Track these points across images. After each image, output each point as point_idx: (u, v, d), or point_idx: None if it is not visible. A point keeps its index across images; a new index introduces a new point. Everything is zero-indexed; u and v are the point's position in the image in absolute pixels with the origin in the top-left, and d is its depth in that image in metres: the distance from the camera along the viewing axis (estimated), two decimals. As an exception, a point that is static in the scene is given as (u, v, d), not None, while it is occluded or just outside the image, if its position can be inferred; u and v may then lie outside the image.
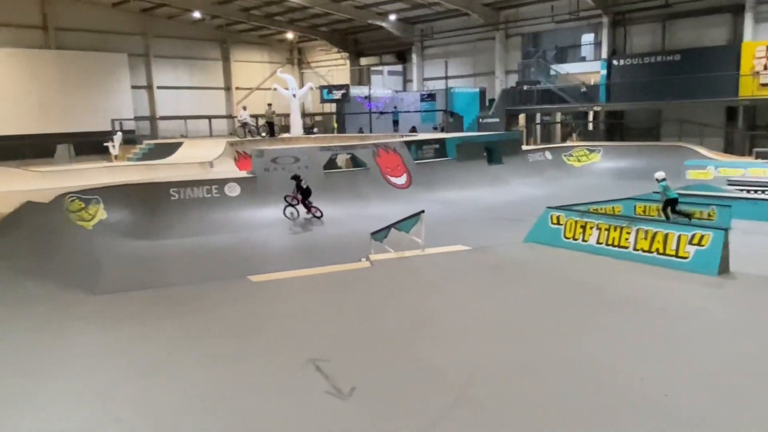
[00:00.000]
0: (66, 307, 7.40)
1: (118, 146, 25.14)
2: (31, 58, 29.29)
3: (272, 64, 40.86)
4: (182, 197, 15.45)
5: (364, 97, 32.72)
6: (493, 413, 4.66)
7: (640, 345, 5.96)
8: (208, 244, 13.97)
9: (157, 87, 34.91)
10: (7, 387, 4.97)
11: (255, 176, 16.96)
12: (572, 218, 9.89)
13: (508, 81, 31.28)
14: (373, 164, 19.14)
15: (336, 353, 5.95)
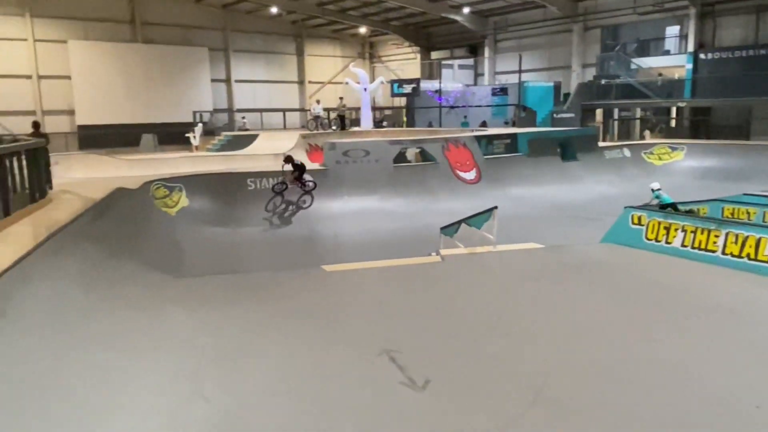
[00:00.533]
0: (154, 289, 7.84)
1: (198, 137, 26.22)
2: (120, 51, 30.97)
3: (344, 58, 41.37)
4: (258, 187, 15.97)
5: (435, 91, 32.58)
6: (573, 415, 4.57)
7: (728, 353, 5.67)
8: (282, 233, 14.40)
9: (235, 80, 36.12)
10: (104, 362, 5.32)
11: (327, 168, 17.28)
12: (655, 219, 9.49)
13: (585, 75, 30.29)
14: (442, 159, 19.07)
15: (409, 345, 6.00)
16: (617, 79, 27.27)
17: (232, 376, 5.32)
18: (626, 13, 27.96)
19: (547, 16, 30.89)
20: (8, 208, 8.05)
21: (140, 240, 10.08)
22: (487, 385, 5.12)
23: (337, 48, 41.35)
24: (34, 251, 6.39)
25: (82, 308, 6.12)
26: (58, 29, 29.51)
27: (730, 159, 21.15)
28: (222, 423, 4.47)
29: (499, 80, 33.88)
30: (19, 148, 9.41)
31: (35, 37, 28.95)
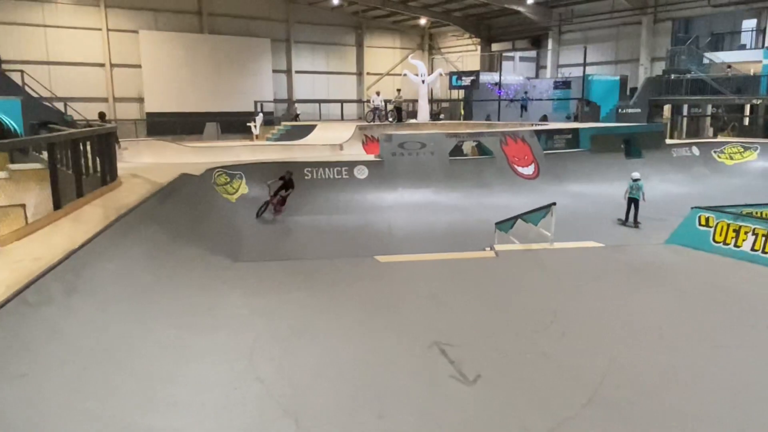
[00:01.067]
0: (213, 272, 8.10)
1: (259, 126, 26.83)
2: (187, 41, 31.99)
3: (403, 49, 41.29)
4: (315, 177, 16.21)
5: (494, 83, 32.06)
6: (628, 419, 4.44)
7: (802, 366, 5.36)
8: (337, 222, 14.56)
9: (296, 71, 36.69)
10: (166, 338, 5.55)
11: (382, 160, 17.34)
12: (724, 221, 9.03)
13: (654, 69, 29.08)
14: (499, 153, 18.78)
15: (461, 339, 5.97)
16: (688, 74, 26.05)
17: (285, 358, 5.45)
18: (700, 5, 26.64)
19: (615, 7, 29.81)
20: (81, 190, 8.48)
21: (202, 224, 10.43)
22: (539, 383, 5.04)
23: (397, 39, 41.30)
24: (105, 231, 6.71)
25: (146, 287, 6.40)
26: (130, 19, 30.76)
27: (809, 160, 19.90)
28: (274, 403, 4.59)
29: (563, 73, 32.98)
30: (92, 133, 9.90)
31: (108, 27, 30.27)
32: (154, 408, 4.32)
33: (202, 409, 4.44)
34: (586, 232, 11.70)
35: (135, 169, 12.80)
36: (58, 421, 3.82)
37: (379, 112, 26.78)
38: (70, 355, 4.49)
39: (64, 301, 5.01)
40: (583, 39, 32.24)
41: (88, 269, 5.70)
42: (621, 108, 27.11)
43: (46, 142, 8.44)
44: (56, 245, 5.88)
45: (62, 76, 28.89)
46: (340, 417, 4.46)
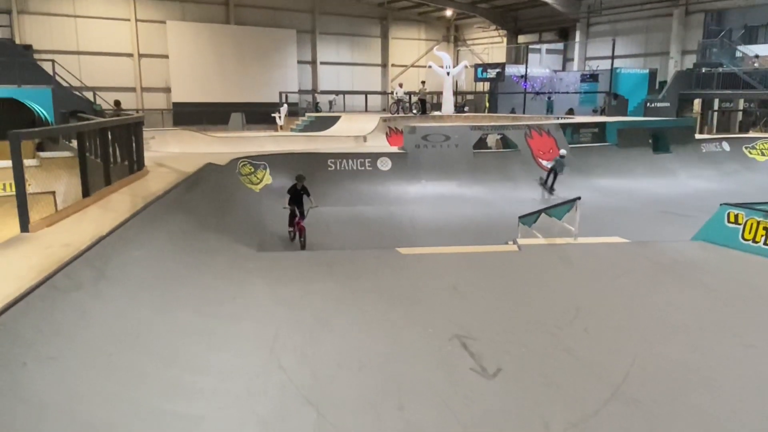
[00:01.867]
0: (238, 261, 8.19)
1: (283, 117, 26.99)
2: (214, 32, 32.26)
3: (428, 41, 41.06)
4: (338, 168, 16.24)
5: (520, 76, 31.70)
6: (652, 416, 4.39)
7: (833, 368, 5.23)
8: (359, 214, 14.59)
9: (321, 62, 36.75)
10: (191, 325, 5.64)
11: (406, 152, 17.30)
12: (754, 218, 8.82)
13: (684, 62, 28.46)
14: (524, 146, 18.60)
15: (482, 333, 5.96)
16: (720, 67, 25.42)
17: (307, 348, 5.50)
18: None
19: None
20: (109, 178, 8.64)
21: (227, 214, 10.55)
22: (561, 378, 5.00)
23: (422, 31, 41.07)
24: (132, 219, 6.84)
25: (172, 274, 6.51)
26: (158, 10, 31.12)
27: None
28: (296, 392, 4.65)
29: (590, 66, 32.47)
30: (120, 122, 10.06)
31: (137, 18, 30.67)
32: (180, 394, 4.40)
33: (226, 396, 4.51)
34: (611, 228, 11.55)
35: (161, 159, 12.99)
36: (87, 403, 3.92)
37: (403, 104, 26.70)
38: (98, 340, 4.60)
39: (92, 287, 5.12)
40: (612, 31, 31.67)
41: (116, 256, 5.82)
42: (649, 102, 26.61)
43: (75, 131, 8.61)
44: (85, 232, 6.01)
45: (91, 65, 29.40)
46: (360, 407, 4.50)
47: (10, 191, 7.69)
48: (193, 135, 20.47)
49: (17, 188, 5.95)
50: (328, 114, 27.50)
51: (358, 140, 20.84)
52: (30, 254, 5.27)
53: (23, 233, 6.03)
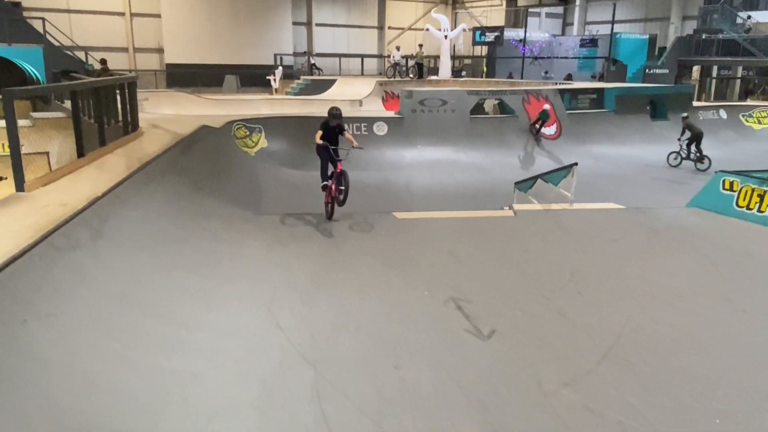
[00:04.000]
0: (234, 223, 8.20)
1: (278, 80, 26.60)
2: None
3: (426, 3, 40.21)
4: (334, 132, 16.09)
5: (519, 40, 31.26)
6: (642, 376, 4.49)
7: (820, 331, 5.34)
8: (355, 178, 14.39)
9: (316, 24, 36.02)
10: (188, 285, 5.68)
11: (402, 117, 17.14)
12: (749, 185, 8.87)
13: (685, 28, 28.11)
14: (521, 111, 18.46)
15: (477, 296, 6.03)
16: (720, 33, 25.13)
17: (304, 309, 5.56)
18: (739, -41, 25.53)
19: (648, -38, 28.71)
20: (104, 139, 8.55)
21: (222, 176, 10.50)
22: (554, 340, 5.10)
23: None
24: (128, 180, 6.80)
25: (168, 235, 6.52)
26: (150, -33, 30.27)
27: (841, 126, 19.30)
28: (294, 351, 4.72)
29: (590, 31, 32.03)
30: (114, 82, 9.90)
31: (128, -25, 29.85)
32: (178, 352, 4.46)
33: (225, 354, 4.58)
34: (607, 194, 11.59)
35: (155, 120, 12.85)
36: (87, 359, 3.97)
37: (399, 67, 26.34)
38: (97, 299, 4.63)
39: (90, 246, 5.12)
40: (613, -5, 31.17)
41: (113, 216, 5.80)
42: (648, 68, 26.37)
43: (68, 90, 8.48)
44: (81, 192, 5.98)
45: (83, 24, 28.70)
46: (357, 366, 4.58)
47: (2, 152, 7.62)
48: (187, 97, 20.19)
49: (11, 147, 5.89)
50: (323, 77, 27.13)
51: (354, 104, 20.62)
52: (26, 213, 5.25)
53: (19, 192, 5.99)
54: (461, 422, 3.90)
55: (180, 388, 4.00)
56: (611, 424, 3.89)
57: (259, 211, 9.93)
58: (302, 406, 3.95)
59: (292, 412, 3.88)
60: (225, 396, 4.00)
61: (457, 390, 4.28)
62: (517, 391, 4.30)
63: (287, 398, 4.04)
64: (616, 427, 3.86)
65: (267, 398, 4.02)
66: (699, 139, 16.21)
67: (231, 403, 3.92)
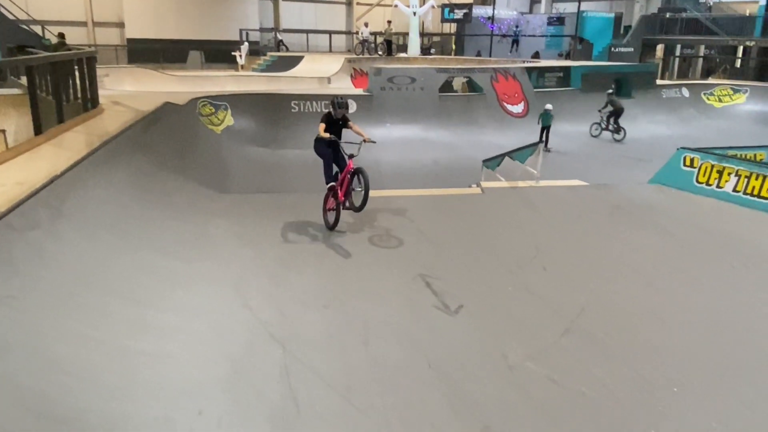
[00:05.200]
0: (200, 202, 8.08)
1: (244, 56, 26.06)
2: (169, -38, 30.41)
3: (395, -21, 39.73)
4: (302, 110, 15.92)
5: (487, 18, 31.21)
6: (606, 349, 4.63)
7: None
8: (324, 157, 14.42)
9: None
10: (154, 265, 5.59)
11: (371, 95, 17.04)
12: (708, 161, 9.12)
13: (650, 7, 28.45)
14: (490, 90, 18.53)
15: (445, 272, 6.10)
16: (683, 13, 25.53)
17: (273, 288, 5.54)
18: (703, -61, 25.85)
19: (614, -60, 28.85)
20: (62, 116, 8.27)
21: (187, 155, 10.29)
22: (520, 314, 5.20)
23: (388, -32, 39.68)
24: (88, 158, 6.60)
25: (132, 214, 6.38)
26: (109, -63, 29.08)
27: (796, 105, 19.95)
28: (262, 330, 4.71)
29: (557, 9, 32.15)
30: (72, 57, 9.56)
31: (85, -55, 28.65)
32: (145, 332, 4.40)
33: (191, 334, 4.54)
34: (572, 171, 11.77)
35: (116, 97, 12.47)
36: (51, 342, 3.88)
37: (368, 44, 26.06)
38: (59, 280, 4.52)
39: (50, 226, 4.99)
40: (580, -28, 31.27)
41: (73, 195, 5.65)
42: (614, 47, 26.68)
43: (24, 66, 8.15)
44: (39, 170, 5.79)
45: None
46: (326, 344, 4.60)
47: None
48: (150, 73, 19.65)
49: (-36, 124, 5.65)
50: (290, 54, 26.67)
51: (322, 82, 20.39)
52: (-19, 193, 5.07)
53: (-27, 171, 5.78)
54: (429, 396, 3.96)
55: (146, 369, 3.96)
56: (574, 395, 4.01)
57: (227, 190, 9.80)
58: (270, 384, 3.96)
59: (259, 390, 3.89)
60: (192, 376, 3.98)
61: (425, 365, 4.34)
62: (483, 364, 4.38)
63: (255, 377, 4.04)
64: (579, 398, 3.98)
65: (235, 377, 4.02)
66: (619, 114, 17.22)
67: (198, 383, 3.90)
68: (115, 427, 3.39)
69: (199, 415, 3.57)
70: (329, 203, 7.46)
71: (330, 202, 7.45)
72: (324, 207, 7.50)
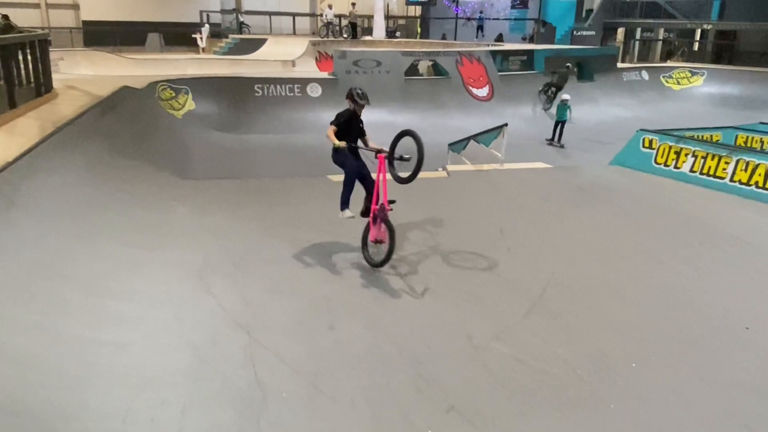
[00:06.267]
0: (161, 188, 7.91)
1: (205, 39, 25.47)
2: (126, -57, 29.39)
3: (359, -40, 39.25)
4: (266, 94, 15.69)
5: (452, 1, 31.15)
6: (568, 326, 4.72)
7: (728, 278, 5.77)
8: (289, 141, 14.28)
9: (244, -21, 34.48)
10: (113, 254, 5.45)
11: (337, 78, 16.88)
12: (666, 143, 9.36)
13: (611, -10, 28.79)
14: (455, 73, 18.55)
15: (411, 255, 6.12)
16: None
17: (237, 275, 5.47)
18: None
19: (577, -77, 28.96)
20: (14, 101, 7.97)
21: (147, 140, 10.05)
22: (484, 295, 5.25)
23: (352, -51, 39.12)
24: (42, 144, 6.38)
25: (90, 202, 6.20)
26: None
27: (751, 87, 20.53)
28: (226, 317, 4.65)
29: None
30: (24, 40, 9.18)
31: None
32: (104, 322, 4.30)
33: (153, 323, 4.45)
34: (536, 154, 11.93)
35: (72, 81, 12.07)
36: (7, 333, 3.77)
37: (332, 27, 25.76)
38: (13, 269, 4.37)
39: (3, 215, 4.81)
40: (543, -44, 31.40)
41: (26, 183, 5.46)
42: (576, 30, 26.98)
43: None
44: (-11, 158, 5.57)
45: (-15, -24, 26.28)
46: (292, 329, 4.57)
47: None
48: (107, 56, 19.06)
49: None
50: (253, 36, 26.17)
51: (287, 65, 20.11)
52: (-74, 182, 4.86)
53: None
54: (395, 378, 3.98)
55: (106, 359, 3.87)
56: (537, 373, 4.08)
57: (189, 176, 9.62)
58: (235, 371, 3.92)
59: (224, 377, 3.84)
60: (154, 365, 3.91)
61: (391, 347, 4.36)
62: (448, 345, 4.42)
63: (220, 364, 3.99)
64: (542, 376, 4.05)
65: (199, 365, 3.96)
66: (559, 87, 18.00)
67: (161, 372, 3.84)
68: (74, 419, 3.31)
69: (161, 404, 3.51)
70: (374, 233, 5.68)
71: (374, 232, 5.67)
72: (365, 241, 5.81)
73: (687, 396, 3.86)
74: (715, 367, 4.20)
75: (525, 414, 3.63)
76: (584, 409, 3.69)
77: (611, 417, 3.62)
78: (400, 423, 3.51)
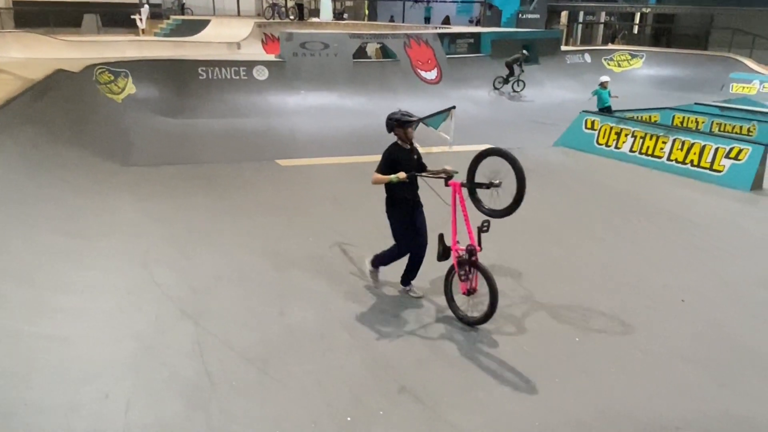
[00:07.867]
0: (101, 176, 7.61)
1: (145, 20, 24.50)
2: None
3: (304, -60, 38.46)
4: (210, 77, 15.23)
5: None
6: (512, 302, 4.84)
7: (666, 254, 6.04)
8: (235, 126, 13.94)
9: (185, -42, 33.28)
10: (51, 245, 5.23)
11: (284, 61, 16.55)
12: (608, 124, 9.65)
13: (554, -26, 29.27)
14: (403, 56, 18.51)
15: (361, 239, 6.13)
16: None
17: (184, 262, 5.35)
18: None
19: None
20: (-64, 85, 7.48)
21: (84, 125, 9.61)
22: (432, 275, 5.32)
23: (298, -72, 38.28)
24: (-32, 131, 6.03)
25: (24, 191, 5.91)
26: None
27: (687, 68, 21.35)
28: (172, 306, 4.55)
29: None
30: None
31: None
32: (42, 315, 4.13)
33: (95, 315, 4.31)
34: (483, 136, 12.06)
35: (1, 65, 11.40)
36: (-69, 333, 3.57)
37: (278, 8, 25.24)
38: (-62, 265, 4.14)
39: (-76, 207, 4.53)
40: (489, -62, 31.57)
41: (-49, 173, 5.15)
42: (521, 13, 27.33)
43: None
44: None
45: None
46: (241, 315, 4.52)
47: None
48: (40, 38, 18.05)
49: None
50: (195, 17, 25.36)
51: (232, 47, 19.59)
52: None
53: None
54: (347, 361, 4.00)
55: (46, 353, 3.73)
56: (485, 350, 4.18)
57: (131, 163, 9.28)
58: (182, 360, 3.85)
59: (171, 368, 3.77)
60: (97, 358, 3.79)
61: (342, 331, 4.37)
62: (399, 326, 4.47)
63: (166, 354, 3.91)
64: (489, 352, 4.15)
65: (144, 356, 3.87)
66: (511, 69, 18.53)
67: (104, 365, 3.73)
68: (14, 415, 3.18)
69: (105, 398, 3.42)
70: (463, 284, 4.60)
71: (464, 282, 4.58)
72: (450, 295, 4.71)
73: (627, 367, 4.03)
74: (653, 338, 4.40)
75: (473, 389, 3.72)
76: (531, 383, 3.81)
77: (557, 390, 3.75)
78: (353, 405, 3.53)
